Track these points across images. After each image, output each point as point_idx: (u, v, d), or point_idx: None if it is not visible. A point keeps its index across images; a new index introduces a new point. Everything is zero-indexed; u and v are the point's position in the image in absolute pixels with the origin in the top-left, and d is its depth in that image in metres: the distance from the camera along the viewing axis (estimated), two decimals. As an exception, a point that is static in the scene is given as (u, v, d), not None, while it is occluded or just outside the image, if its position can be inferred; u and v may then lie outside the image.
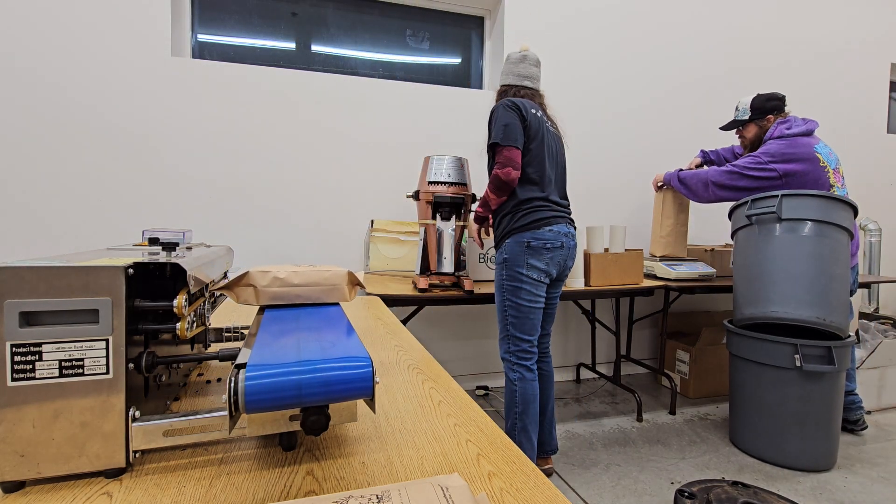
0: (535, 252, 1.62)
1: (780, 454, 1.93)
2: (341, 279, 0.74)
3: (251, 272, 0.68)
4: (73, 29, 2.10)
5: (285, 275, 0.70)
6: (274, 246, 2.40)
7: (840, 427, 1.96)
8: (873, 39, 3.64)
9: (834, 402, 1.91)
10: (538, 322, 1.69)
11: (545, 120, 1.73)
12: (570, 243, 1.70)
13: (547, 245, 1.63)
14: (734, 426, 2.12)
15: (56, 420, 0.45)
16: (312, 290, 0.71)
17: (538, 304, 1.66)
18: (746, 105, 2.29)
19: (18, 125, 2.07)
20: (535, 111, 1.69)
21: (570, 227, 1.71)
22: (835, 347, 1.85)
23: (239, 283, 0.69)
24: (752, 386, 2.00)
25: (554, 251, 1.64)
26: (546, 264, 1.64)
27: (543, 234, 1.62)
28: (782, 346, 1.89)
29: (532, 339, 1.68)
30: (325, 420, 0.49)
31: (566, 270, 1.74)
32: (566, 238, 1.67)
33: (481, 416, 0.65)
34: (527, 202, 1.65)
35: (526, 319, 1.66)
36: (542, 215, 1.64)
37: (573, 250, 1.72)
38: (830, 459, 1.93)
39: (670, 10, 3.06)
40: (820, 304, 1.85)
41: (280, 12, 2.56)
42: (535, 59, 1.78)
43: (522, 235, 1.63)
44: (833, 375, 1.88)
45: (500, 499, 0.46)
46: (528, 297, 1.65)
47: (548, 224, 1.63)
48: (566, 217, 1.71)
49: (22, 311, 0.44)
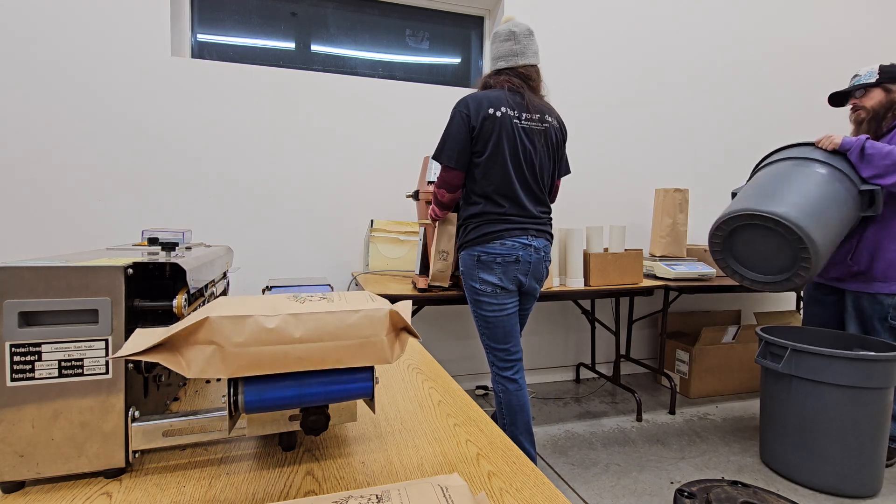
0: (485, 266, 1.55)
1: (816, 477, 1.79)
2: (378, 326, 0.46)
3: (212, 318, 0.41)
4: (73, 29, 2.10)
5: (276, 322, 0.43)
6: (273, 246, 2.40)
7: (887, 451, 1.80)
8: (873, 40, 3.64)
9: (885, 420, 1.74)
10: (511, 329, 1.62)
11: (515, 116, 1.54)
12: (531, 257, 1.57)
13: (497, 259, 1.53)
14: (766, 445, 1.96)
15: (56, 420, 0.45)
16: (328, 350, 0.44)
17: (504, 311, 1.59)
18: (873, 69, 2.00)
19: (18, 125, 2.07)
20: (494, 110, 1.52)
21: (533, 239, 1.57)
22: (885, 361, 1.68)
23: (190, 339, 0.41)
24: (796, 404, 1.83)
25: (507, 265, 1.54)
26: (499, 279, 1.55)
27: (494, 248, 1.53)
28: (832, 360, 1.72)
29: (507, 347, 1.62)
30: (325, 420, 0.49)
31: (534, 284, 1.63)
32: (524, 251, 1.55)
33: (481, 416, 0.65)
34: (476, 216, 1.57)
35: (495, 328, 1.61)
36: (491, 229, 1.54)
37: (538, 265, 1.60)
38: (877, 484, 1.78)
39: (670, 10, 3.06)
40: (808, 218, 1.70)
41: (280, 12, 2.56)
42: (508, 32, 1.57)
43: (473, 249, 1.57)
44: (882, 392, 1.72)
45: (500, 499, 0.46)
46: (490, 308, 1.58)
47: (499, 237, 1.53)
48: (530, 228, 1.57)
49: (21, 311, 0.44)
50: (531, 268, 1.59)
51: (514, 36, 1.57)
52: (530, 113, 1.57)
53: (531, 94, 1.59)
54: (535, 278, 1.62)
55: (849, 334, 1.97)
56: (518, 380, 1.64)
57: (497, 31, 1.62)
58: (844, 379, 1.70)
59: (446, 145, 1.56)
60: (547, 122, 1.61)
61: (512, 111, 1.54)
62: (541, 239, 1.61)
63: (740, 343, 2.76)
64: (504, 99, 1.54)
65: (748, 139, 3.32)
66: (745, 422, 2.40)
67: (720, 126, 3.25)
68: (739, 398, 2.73)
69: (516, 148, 1.54)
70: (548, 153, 1.62)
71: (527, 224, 1.57)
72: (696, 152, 3.18)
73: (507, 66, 1.59)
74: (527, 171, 1.57)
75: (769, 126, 3.36)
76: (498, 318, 1.59)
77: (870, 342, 1.89)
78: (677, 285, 2.34)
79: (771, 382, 1.93)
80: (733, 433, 2.27)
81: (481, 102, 1.53)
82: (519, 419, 1.62)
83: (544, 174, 1.62)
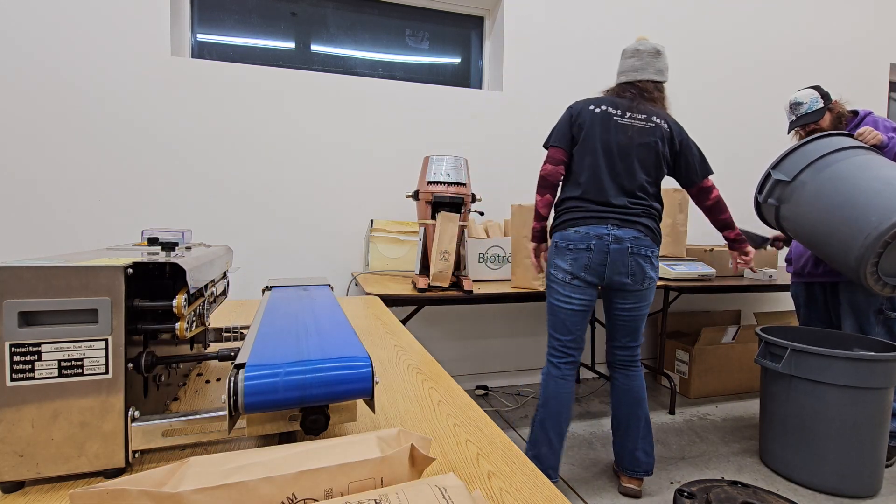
0: (560, 252, 1.61)
1: (815, 477, 1.78)
2: None
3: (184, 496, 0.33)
4: (72, 29, 2.10)
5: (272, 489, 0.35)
6: (273, 246, 2.40)
7: (886, 450, 1.79)
8: (873, 39, 3.64)
9: (884, 420, 1.74)
10: (572, 323, 1.63)
11: (617, 113, 1.60)
12: (609, 246, 1.55)
13: (570, 246, 1.58)
14: (766, 445, 1.97)
15: (55, 420, 0.45)
16: None
17: (569, 305, 1.61)
18: (815, 95, 2.03)
19: (17, 125, 2.07)
20: (595, 107, 1.61)
21: (615, 229, 1.56)
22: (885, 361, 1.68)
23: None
24: (795, 404, 1.82)
25: (578, 252, 1.57)
26: (570, 265, 1.58)
27: (569, 235, 1.59)
28: (829, 360, 1.72)
29: (563, 339, 1.65)
30: (325, 420, 0.49)
31: (619, 278, 1.58)
32: (597, 241, 1.55)
33: (481, 416, 0.65)
34: (562, 202, 1.66)
35: (556, 318, 1.65)
36: (571, 216, 1.60)
37: (620, 255, 1.55)
38: (877, 484, 1.77)
39: (671, 10, 3.06)
40: None
41: (280, 12, 2.56)
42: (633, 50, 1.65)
43: (555, 235, 1.65)
44: (882, 392, 1.72)
45: (500, 499, 0.46)
46: (557, 297, 1.63)
47: (574, 225, 1.59)
48: (612, 217, 1.57)
49: (21, 311, 0.44)
50: (608, 258, 1.56)
51: (638, 53, 1.65)
52: (636, 113, 1.61)
53: (644, 101, 1.64)
54: (617, 271, 1.57)
55: (848, 334, 1.97)
56: (562, 368, 1.65)
57: (624, 49, 1.70)
58: (844, 379, 1.70)
59: (551, 132, 1.68)
60: (654, 122, 1.61)
61: (615, 109, 1.61)
62: (627, 229, 1.56)
63: (740, 343, 2.76)
64: (610, 100, 1.63)
65: (748, 140, 3.32)
66: (744, 422, 2.40)
67: (720, 127, 3.25)
68: (739, 398, 2.73)
69: (610, 141, 1.59)
70: (652, 150, 1.60)
71: (608, 213, 1.57)
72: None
73: (627, 80, 1.67)
74: (619, 162, 1.58)
75: (769, 127, 3.36)
76: (561, 309, 1.63)
77: (869, 342, 1.90)
78: (677, 285, 2.34)
79: (770, 382, 1.93)
80: (733, 433, 2.27)
81: (588, 101, 1.64)
82: (550, 405, 1.64)
83: (641, 168, 1.60)
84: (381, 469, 0.38)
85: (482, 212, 2.22)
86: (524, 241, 2.00)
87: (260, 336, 0.56)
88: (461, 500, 0.35)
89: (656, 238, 1.61)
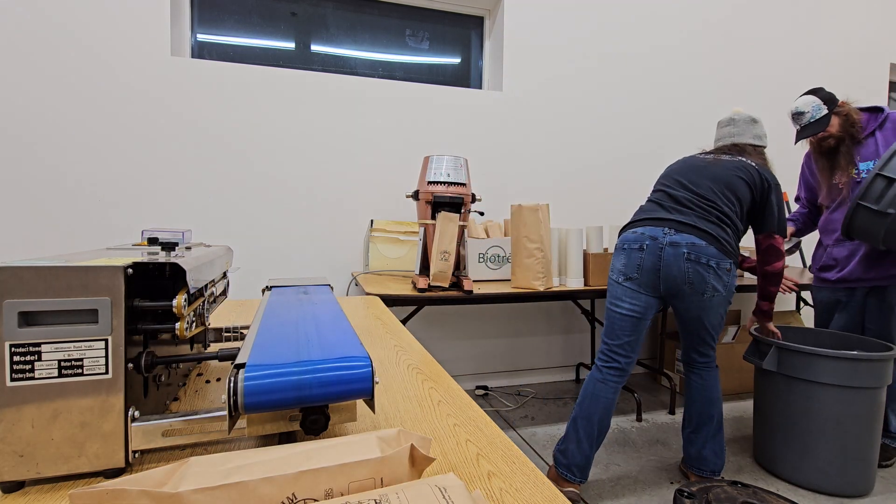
0: (617, 252, 1.67)
1: (800, 474, 1.79)
2: None
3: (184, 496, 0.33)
4: (72, 29, 2.10)
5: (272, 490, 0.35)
6: (273, 245, 2.40)
7: (879, 449, 1.79)
8: (873, 40, 3.64)
9: (874, 420, 1.74)
10: (619, 328, 1.63)
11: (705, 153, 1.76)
12: (657, 249, 1.53)
13: (624, 245, 1.63)
14: (760, 446, 1.97)
15: (55, 420, 0.45)
16: None
17: (618, 308, 1.62)
18: (816, 102, 1.92)
19: (16, 125, 2.07)
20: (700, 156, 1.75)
21: (672, 234, 1.53)
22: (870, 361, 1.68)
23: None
24: (783, 402, 1.83)
25: (630, 252, 1.59)
26: (623, 264, 1.62)
27: (627, 236, 1.64)
28: (816, 358, 1.72)
29: (609, 343, 1.65)
30: (325, 420, 0.49)
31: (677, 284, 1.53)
32: (651, 242, 1.55)
33: (481, 416, 0.65)
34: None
35: (608, 322, 1.67)
36: (633, 219, 1.68)
37: (668, 258, 1.52)
38: (868, 484, 1.77)
39: (669, 10, 3.06)
40: None
41: (279, 12, 2.56)
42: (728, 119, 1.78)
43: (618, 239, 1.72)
44: (871, 392, 1.71)
45: (500, 499, 0.46)
46: (610, 300, 1.67)
47: (632, 227, 1.66)
48: (670, 221, 1.55)
49: (21, 311, 0.44)
50: (662, 261, 1.53)
51: (734, 122, 1.76)
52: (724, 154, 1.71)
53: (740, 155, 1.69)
54: (672, 277, 1.53)
55: (849, 335, 1.97)
56: (604, 372, 1.65)
57: (720, 120, 1.81)
58: (831, 378, 1.70)
59: None
60: (743, 161, 1.64)
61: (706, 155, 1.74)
62: (685, 234, 1.52)
63: (740, 343, 2.76)
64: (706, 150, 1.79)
65: (748, 139, 3.32)
66: (744, 422, 2.40)
67: (720, 126, 3.25)
68: (739, 398, 2.73)
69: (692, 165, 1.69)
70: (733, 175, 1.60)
71: (669, 217, 1.58)
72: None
73: (723, 144, 1.77)
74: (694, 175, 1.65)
75: (768, 129, 3.36)
76: (611, 312, 1.66)
77: (869, 343, 1.89)
78: (677, 285, 2.33)
79: (760, 380, 1.94)
80: (733, 433, 2.27)
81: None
82: (585, 405, 1.65)
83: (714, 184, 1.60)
84: (381, 469, 0.38)
85: (482, 212, 2.22)
86: (524, 241, 2.00)
87: (260, 336, 0.56)
88: (461, 500, 0.35)
89: (724, 248, 1.52)
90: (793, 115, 1.99)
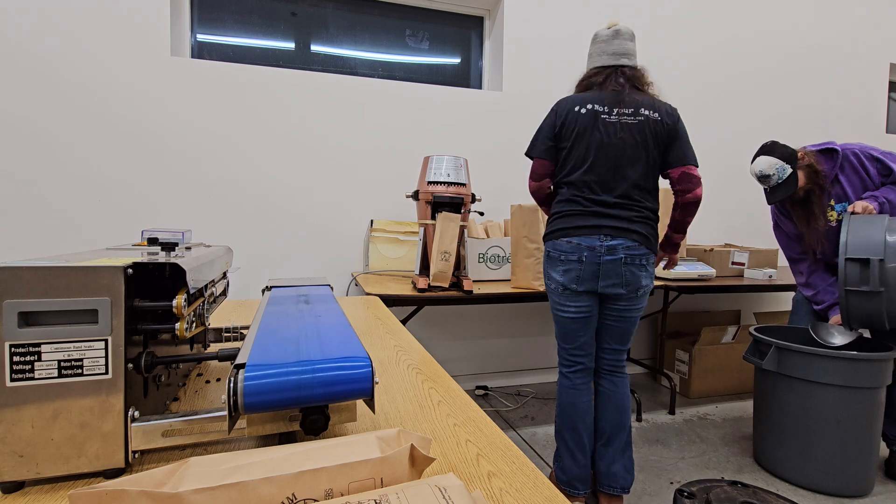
0: (553, 263, 1.57)
1: (800, 474, 1.78)
2: None
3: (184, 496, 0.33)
4: (72, 29, 2.10)
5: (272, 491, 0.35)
6: (273, 246, 2.40)
7: (878, 449, 1.78)
8: (873, 39, 3.64)
9: (873, 420, 1.73)
10: (574, 333, 1.59)
11: (604, 111, 1.52)
12: (596, 258, 1.49)
13: (561, 257, 1.54)
14: (760, 446, 1.96)
15: (55, 420, 0.45)
16: None
17: (567, 313, 1.58)
18: (778, 164, 1.88)
19: (17, 125, 2.07)
20: (580, 108, 1.53)
21: (607, 240, 1.49)
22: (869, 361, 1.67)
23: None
24: (783, 402, 1.82)
25: (570, 264, 1.52)
26: (562, 276, 1.54)
27: (560, 246, 1.54)
28: (816, 358, 1.72)
29: (567, 347, 1.62)
30: (325, 420, 0.49)
31: (614, 288, 1.52)
32: (589, 252, 1.49)
33: (481, 417, 0.65)
34: (555, 212, 1.59)
35: (559, 327, 1.62)
36: (562, 225, 1.55)
37: (613, 266, 1.50)
38: (868, 484, 1.76)
39: (668, 9, 3.06)
40: None
41: (279, 12, 2.56)
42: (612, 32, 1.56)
43: (547, 244, 1.60)
44: (870, 392, 1.71)
45: (500, 499, 0.46)
46: (556, 306, 1.61)
47: (566, 235, 1.53)
48: (604, 227, 1.50)
49: (21, 312, 0.44)
50: (600, 270, 1.51)
51: (619, 35, 1.57)
52: (623, 108, 1.52)
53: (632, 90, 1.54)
54: (610, 282, 1.51)
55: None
56: (572, 378, 1.62)
57: (597, 32, 1.62)
58: (829, 377, 1.71)
59: (533, 138, 1.64)
60: (643, 114, 1.52)
61: (601, 106, 1.52)
62: (621, 239, 1.50)
63: (740, 343, 2.76)
64: (596, 97, 1.53)
65: (748, 142, 3.32)
66: (744, 422, 2.40)
67: (720, 128, 3.25)
68: (739, 398, 2.73)
69: (598, 144, 1.51)
70: (642, 147, 1.52)
71: (601, 223, 1.51)
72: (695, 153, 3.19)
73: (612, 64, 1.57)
74: (609, 167, 1.51)
75: (768, 129, 3.36)
76: (560, 317, 1.61)
77: (869, 343, 1.89)
78: (677, 285, 2.34)
79: (760, 380, 1.94)
80: (733, 433, 2.27)
81: (573, 101, 1.56)
82: (566, 416, 1.62)
83: (632, 169, 1.52)
84: (381, 469, 0.38)
85: (482, 212, 2.22)
86: (524, 241, 2.00)
87: (260, 336, 0.56)
88: (461, 500, 0.35)
89: (651, 244, 1.54)
90: (758, 177, 1.94)
